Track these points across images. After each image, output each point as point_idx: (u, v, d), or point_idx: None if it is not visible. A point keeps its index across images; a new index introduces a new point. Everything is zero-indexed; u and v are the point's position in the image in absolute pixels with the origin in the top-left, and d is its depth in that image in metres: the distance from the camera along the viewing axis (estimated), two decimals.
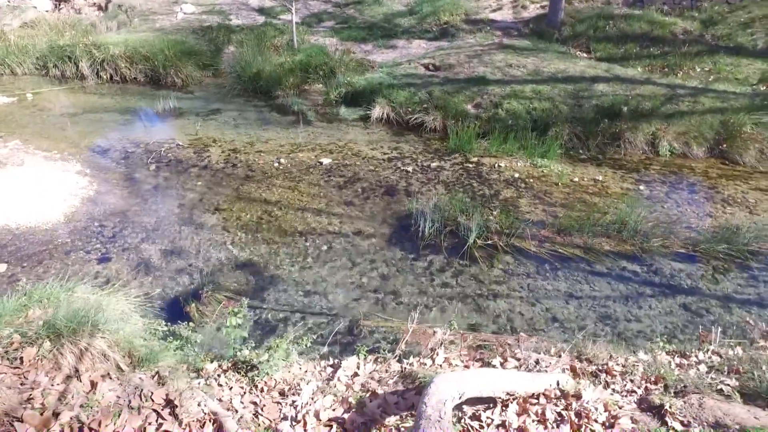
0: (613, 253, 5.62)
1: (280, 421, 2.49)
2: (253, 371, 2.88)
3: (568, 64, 9.71)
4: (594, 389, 2.77)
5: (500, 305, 5.02)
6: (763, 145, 7.87)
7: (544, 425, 2.49)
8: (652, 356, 3.55)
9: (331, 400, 2.70)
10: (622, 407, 2.83)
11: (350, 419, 2.54)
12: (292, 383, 2.86)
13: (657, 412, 2.76)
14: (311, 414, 2.54)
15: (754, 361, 3.34)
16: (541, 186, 6.90)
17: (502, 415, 2.55)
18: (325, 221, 6.16)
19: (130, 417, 2.09)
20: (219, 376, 2.94)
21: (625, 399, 2.94)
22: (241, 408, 2.61)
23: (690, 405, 2.77)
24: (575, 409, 2.56)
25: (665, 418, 2.69)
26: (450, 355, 3.50)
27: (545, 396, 2.62)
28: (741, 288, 5.29)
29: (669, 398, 2.81)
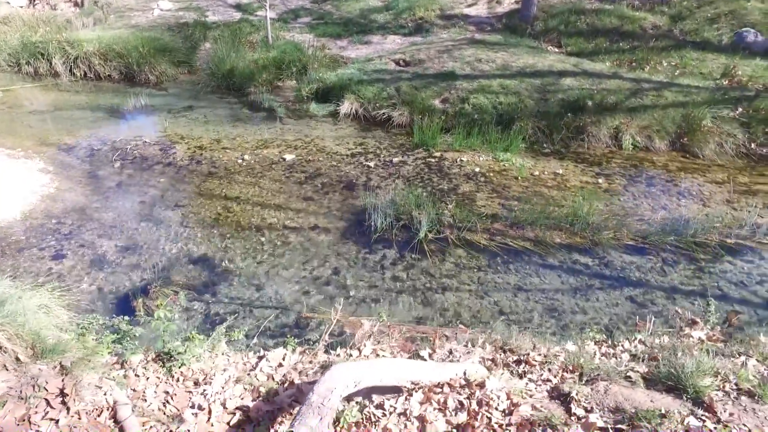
0: (565, 245, 5.70)
1: (187, 408, 2.55)
2: (171, 362, 2.95)
3: (537, 58, 9.77)
4: (500, 379, 2.85)
5: (449, 298, 5.09)
6: (722, 139, 7.96)
7: (443, 413, 2.56)
8: (578, 346, 3.63)
9: (241, 390, 2.77)
10: (532, 395, 2.90)
11: (255, 407, 2.60)
12: (209, 373, 2.92)
13: (564, 400, 2.83)
14: (218, 402, 2.61)
15: (673, 349, 3.42)
16: (500, 180, 6.97)
17: (405, 404, 2.62)
18: (283, 216, 6.21)
19: (14, 406, 2.15)
20: (141, 367, 2.99)
21: (539, 387, 3.01)
22: (153, 397, 2.67)
23: (596, 392, 2.85)
24: (477, 397, 2.64)
25: (570, 405, 2.76)
26: (379, 346, 3.56)
27: (449, 385, 2.69)
28: (687, 280, 5.38)
29: (578, 386, 2.89)
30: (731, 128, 8.06)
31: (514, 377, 3.12)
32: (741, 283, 5.36)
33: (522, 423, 2.51)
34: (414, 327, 4.30)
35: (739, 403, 2.65)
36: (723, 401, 2.64)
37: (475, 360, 3.34)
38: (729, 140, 8.00)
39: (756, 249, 5.76)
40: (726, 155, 7.95)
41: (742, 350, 3.25)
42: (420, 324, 4.75)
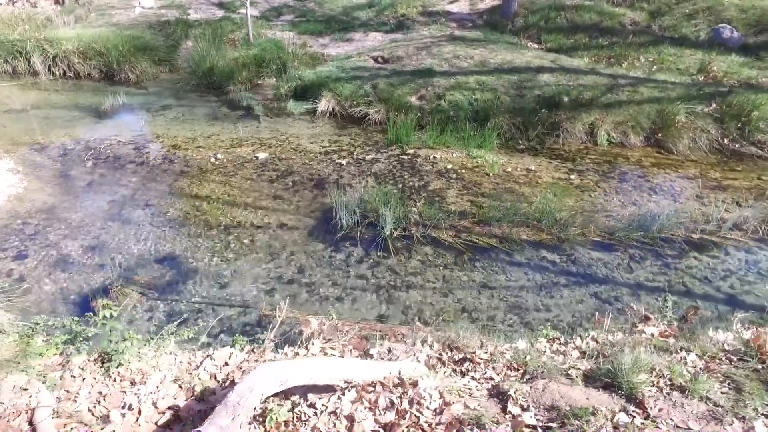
0: (532, 242, 5.71)
1: (114, 409, 2.54)
2: (109, 362, 2.94)
3: (515, 54, 9.77)
4: (439, 377, 2.84)
5: (412, 296, 5.09)
6: (696, 134, 7.98)
7: (373, 412, 2.55)
8: (530, 344, 3.63)
9: (176, 389, 2.76)
10: (471, 393, 2.90)
11: (186, 407, 2.59)
12: (147, 373, 2.91)
13: (502, 398, 2.84)
14: (149, 402, 2.60)
15: (620, 346, 3.43)
16: (472, 177, 6.97)
17: (336, 403, 2.62)
18: (251, 215, 6.20)
19: None
20: (79, 368, 2.98)
21: (480, 385, 3.01)
22: (85, 398, 2.66)
23: (535, 390, 2.86)
24: (410, 396, 2.63)
25: (507, 403, 2.77)
26: (329, 344, 3.55)
27: (382, 384, 2.68)
28: (653, 276, 5.39)
29: (518, 384, 2.89)
30: (705, 124, 8.08)
31: (456, 375, 3.12)
32: (705, 279, 5.38)
33: (452, 422, 2.51)
34: (371, 324, 4.30)
35: (670, 398, 2.66)
36: (655, 397, 2.65)
37: (422, 358, 3.34)
38: (702, 136, 8.02)
39: (721, 245, 5.78)
40: (699, 151, 7.97)
41: (685, 345, 3.25)
42: (381, 322, 4.75)
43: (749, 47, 10.04)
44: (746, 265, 5.56)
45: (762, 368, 2.88)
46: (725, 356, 3.09)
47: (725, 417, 2.47)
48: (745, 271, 5.48)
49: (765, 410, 2.51)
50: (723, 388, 2.72)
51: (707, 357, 3.09)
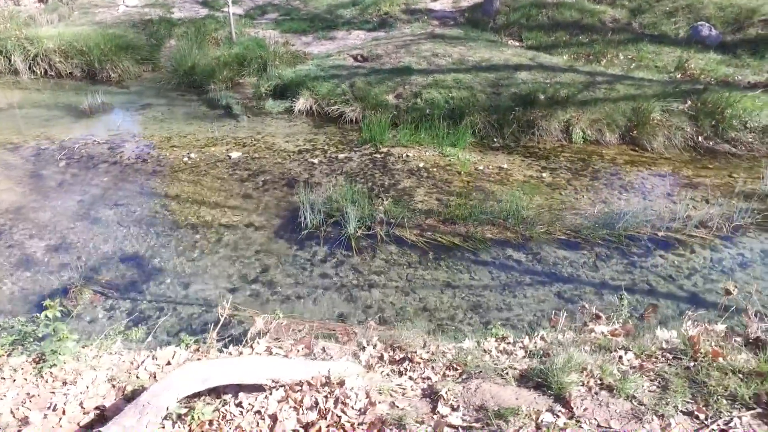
0: (498, 241, 5.71)
1: (36, 410, 2.54)
2: (42, 363, 2.94)
3: (494, 52, 9.76)
4: (365, 377, 2.85)
5: (374, 295, 5.09)
6: (671, 132, 7.99)
7: (297, 412, 2.56)
8: (476, 343, 3.63)
9: (107, 389, 2.76)
10: (405, 393, 2.91)
11: (114, 406, 2.60)
12: (82, 373, 2.91)
13: (433, 398, 2.84)
14: (75, 403, 2.60)
15: (566, 345, 3.43)
16: (443, 175, 6.97)
17: (263, 402, 2.62)
18: (220, 214, 6.20)
19: None
20: (11, 369, 2.98)
21: (416, 385, 3.02)
22: (11, 399, 2.66)
23: (467, 390, 2.86)
24: (336, 395, 2.64)
25: (437, 403, 2.77)
26: (276, 343, 3.55)
27: (309, 384, 2.69)
28: (618, 274, 5.39)
29: (451, 384, 2.89)
30: (680, 121, 8.09)
31: (393, 375, 3.13)
32: (669, 277, 5.38)
33: (374, 422, 2.51)
34: (324, 323, 4.30)
35: (597, 398, 2.66)
36: (582, 396, 2.66)
37: (364, 357, 3.35)
38: (677, 133, 8.04)
39: (687, 243, 5.78)
40: (674, 148, 7.97)
41: (625, 344, 3.26)
42: (341, 320, 4.75)
43: (727, 45, 10.05)
44: (710, 263, 5.57)
45: (693, 365, 2.89)
46: (662, 354, 3.09)
47: (645, 415, 2.48)
48: (709, 270, 5.48)
49: (684, 407, 2.52)
50: (651, 387, 2.73)
51: (644, 356, 3.10)
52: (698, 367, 2.85)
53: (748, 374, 2.67)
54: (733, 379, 2.63)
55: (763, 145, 7.96)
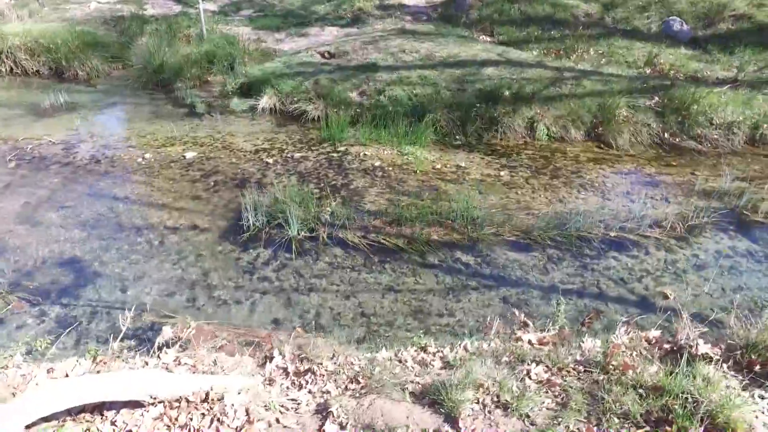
0: (444, 243, 5.57)
1: None
2: None
3: (462, 48, 9.61)
4: (249, 392, 2.72)
5: (313, 300, 4.96)
6: (637, 129, 7.85)
7: (170, 430, 2.43)
8: (393, 353, 3.50)
9: None
10: (297, 409, 2.79)
11: None
12: None
13: (324, 414, 2.72)
14: None
15: (483, 355, 3.31)
16: (398, 174, 6.83)
17: (138, 420, 2.49)
18: (166, 216, 6.06)
19: None
20: None
21: (313, 400, 2.90)
22: None
23: (360, 406, 2.74)
24: (213, 412, 2.51)
25: (326, 420, 2.65)
26: (185, 353, 3.42)
27: (188, 400, 2.55)
28: (568, 278, 5.27)
29: (345, 400, 2.78)
30: (646, 118, 7.97)
31: (293, 388, 3.00)
32: (621, 280, 5.26)
33: None
34: (250, 330, 4.17)
35: (490, 417, 2.54)
36: (474, 415, 2.53)
37: (269, 368, 3.22)
38: (643, 130, 7.91)
39: (641, 243, 5.66)
40: (639, 145, 7.85)
41: (538, 356, 3.13)
42: (277, 326, 4.63)
43: (698, 40, 9.91)
44: (664, 265, 5.44)
45: (602, 379, 2.76)
46: (575, 367, 2.96)
47: None
48: (662, 272, 5.36)
49: (576, 427, 2.39)
50: (551, 404, 2.60)
51: (556, 369, 2.97)
52: (607, 380, 2.73)
53: (649, 389, 2.53)
54: (632, 395, 2.50)
55: (729, 141, 7.83)
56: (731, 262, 5.49)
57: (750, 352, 2.66)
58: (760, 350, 2.63)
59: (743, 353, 2.68)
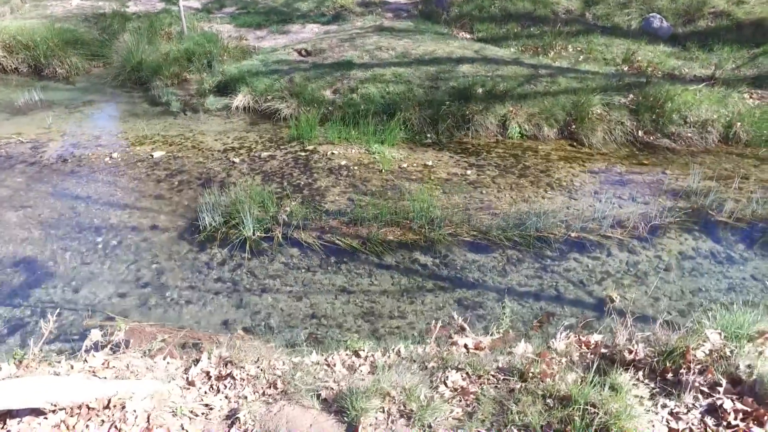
0: (400, 243, 5.52)
1: None
2: None
3: (439, 45, 9.53)
4: (153, 398, 2.67)
5: (265, 300, 4.93)
6: (610, 126, 7.78)
7: None
8: (322, 356, 3.46)
9: None
10: (209, 415, 2.74)
11: None
12: None
13: (232, 421, 2.67)
14: None
15: (413, 360, 3.26)
16: (363, 173, 6.78)
17: (34, 428, 2.45)
18: (127, 216, 6.02)
19: None
20: None
21: (227, 405, 2.85)
22: None
23: (270, 413, 2.71)
24: (113, 419, 2.47)
25: (233, 426, 2.60)
26: (114, 356, 3.37)
27: (89, 407, 2.51)
28: (527, 279, 5.22)
29: (255, 406, 2.74)
30: (620, 115, 7.89)
31: (211, 393, 2.95)
32: (580, 282, 5.20)
33: None
34: (192, 332, 4.13)
35: (392, 426, 2.49)
36: (376, 425, 2.48)
37: (194, 372, 3.18)
38: (617, 128, 7.83)
39: (603, 244, 5.60)
40: (613, 143, 7.77)
41: (462, 362, 3.07)
42: (225, 327, 4.59)
43: (678, 37, 9.81)
44: (625, 266, 5.38)
45: (519, 388, 2.71)
46: (495, 374, 2.91)
47: None
48: (623, 274, 5.30)
49: None
50: (458, 414, 2.55)
51: (476, 375, 2.92)
52: (520, 389, 2.67)
53: (557, 399, 2.48)
54: (539, 405, 2.45)
55: (703, 140, 7.75)
56: (693, 264, 5.44)
57: (666, 359, 2.60)
58: (675, 357, 2.57)
59: (659, 360, 2.62)
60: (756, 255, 5.59)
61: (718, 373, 2.40)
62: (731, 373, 2.38)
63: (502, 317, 4.15)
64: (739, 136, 7.73)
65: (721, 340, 2.81)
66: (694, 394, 2.36)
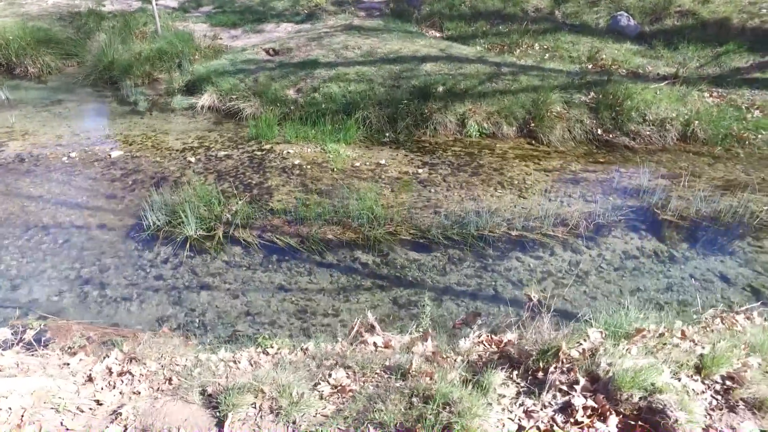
0: (340, 242, 5.56)
1: None
2: None
3: (406, 44, 9.56)
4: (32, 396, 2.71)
5: (202, 298, 4.97)
6: (570, 125, 7.80)
7: None
8: (232, 354, 3.50)
9: None
10: (95, 411, 2.78)
11: None
12: None
13: (115, 416, 2.72)
14: None
15: (313, 358, 3.30)
16: (315, 172, 6.81)
17: None
18: (76, 215, 6.07)
19: None
20: None
21: (120, 400, 2.90)
22: None
23: (153, 408, 2.76)
24: None
25: (115, 421, 2.65)
26: (28, 353, 3.42)
27: None
28: (466, 279, 5.24)
29: (141, 401, 2.79)
30: (580, 113, 7.92)
31: (107, 390, 3.00)
32: (519, 282, 5.22)
33: None
34: (117, 329, 4.19)
35: (259, 422, 2.53)
36: (244, 420, 2.52)
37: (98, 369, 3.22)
38: (576, 126, 7.86)
39: (546, 243, 5.63)
40: (572, 141, 7.80)
41: (352, 359, 3.11)
42: (161, 324, 4.63)
43: (645, 36, 9.83)
44: (567, 265, 5.41)
45: (396, 386, 2.75)
46: (380, 372, 2.95)
47: None
48: (564, 273, 5.32)
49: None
50: (328, 410, 2.59)
51: (361, 373, 2.96)
52: (397, 387, 2.71)
53: (421, 397, 2.52)
54: (404, 403, 2.49)
55: (661, 138, 7.78)
56: (635, 263, 5.46)
57: (540, 359, 2.64)
58: (549, 356, 2.61)
59: (535, 360, 2.66)
60: (697, 254, 5.62)
61: (580, 372, 2.44)
62: (592, 371, 2.42)
63: (422, 316, 4.18)
64: (696, 134, 7.75)
65: (601, 338, 2.85)
66: (553, 392, 2.39)
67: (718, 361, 2.43)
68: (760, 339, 2.63)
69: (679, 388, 2.34)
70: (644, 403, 2.17)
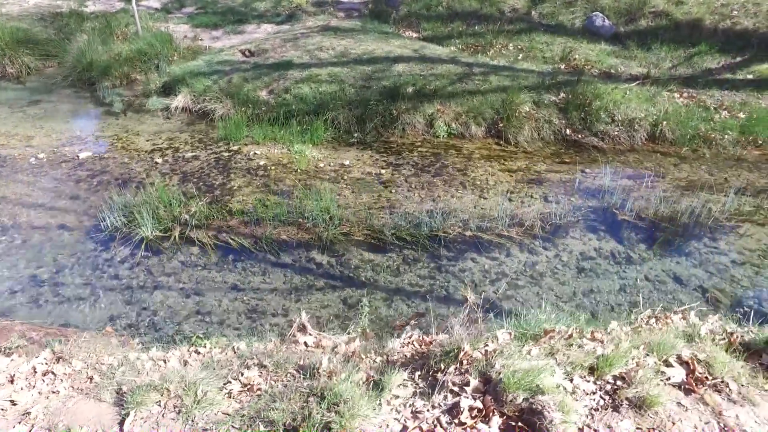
0: (295, 243, 5.59)
1: None
2: None
3: (380, 44, 9.59)
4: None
5: (155, 298, 5.01)
6: (538, 125, 7.83)
7: None
8: (163, 353, 3.54)
9: None
10: (8, 410, 2.81)
11: None
12: None
13: (26, 415, 2.75)
14: None
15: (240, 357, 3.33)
16: (279, 173, 6.85)
17: None
18: (37, 216, 6.11)
19: None
20: None
21: (37, 400, 2.93)
22: None
23: (65, 406, 2.79)
24: None
25: (23, 421, 2.68)
26: None
27: None
28: (419, 279, 5.26)
29: (54, 400, 2.82)
30: (548, 114, 7.94)
31: (26, 389, 3.04)
32: (472, 282, 5.24)
33: None
34: (60, 330, 4.23)
35: (160, 419, 2.56)
36: (145, 418, 2.56)
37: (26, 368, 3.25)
38: (545, 126, 7.88)
39: (503, 244, 5.64)
40: (540, 141, 7.82)
41: (273, 359, 3.14)
42: (112, 324, 4.67)
43: (620, 36, 9.85)
44: (522, 266, 5.42)
45: (304, 385, 2.77)
46: (293, 372, 2.98)
47: None
48: (518, 274, 5.34)
49: None
50: (232, 409, 2.62)
51: (274, 372, 2.99)
52: (300, 386, 2.74)
53: (319, 396, 2.55)
54: (301, 401, 2.52)
55: (630, 138, 7.80)
56: (591, 264, 5.48)
57: (442, 360, 2.66)
58: (450, 358, 2.63)
59: (437, 360, 2.69)
60: (654, 255, 5.64)
61: (474, 373, 2.46)
62: (486, 372, 2.44)
63: (361, 317, 4.22)
64: (665, 134, 7.77)
65: (509, 339, 2.87)
66: (444, 393, 2.42)
67: (611, 361, 2.46)
68: (658, 338, 2.66)
69: (569, 389, 2.37)
70: (526, 404, 2.19)
